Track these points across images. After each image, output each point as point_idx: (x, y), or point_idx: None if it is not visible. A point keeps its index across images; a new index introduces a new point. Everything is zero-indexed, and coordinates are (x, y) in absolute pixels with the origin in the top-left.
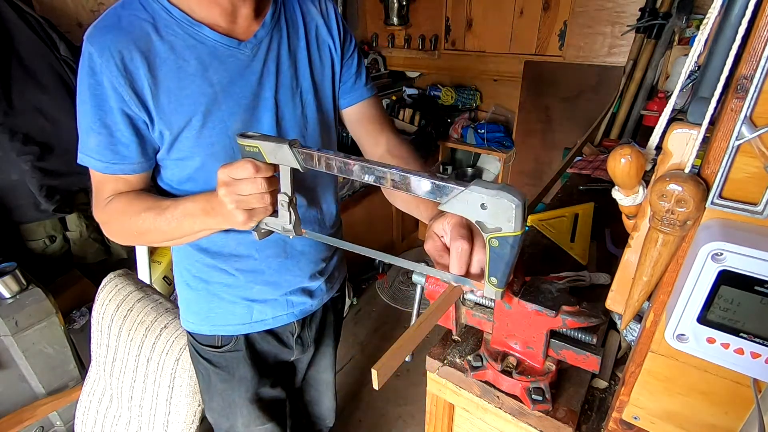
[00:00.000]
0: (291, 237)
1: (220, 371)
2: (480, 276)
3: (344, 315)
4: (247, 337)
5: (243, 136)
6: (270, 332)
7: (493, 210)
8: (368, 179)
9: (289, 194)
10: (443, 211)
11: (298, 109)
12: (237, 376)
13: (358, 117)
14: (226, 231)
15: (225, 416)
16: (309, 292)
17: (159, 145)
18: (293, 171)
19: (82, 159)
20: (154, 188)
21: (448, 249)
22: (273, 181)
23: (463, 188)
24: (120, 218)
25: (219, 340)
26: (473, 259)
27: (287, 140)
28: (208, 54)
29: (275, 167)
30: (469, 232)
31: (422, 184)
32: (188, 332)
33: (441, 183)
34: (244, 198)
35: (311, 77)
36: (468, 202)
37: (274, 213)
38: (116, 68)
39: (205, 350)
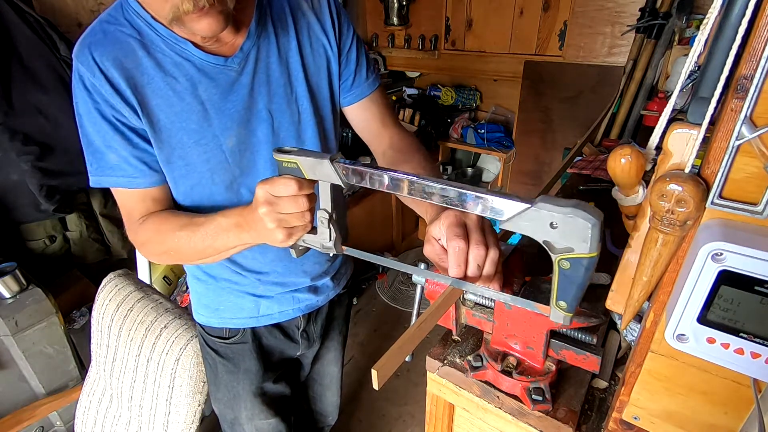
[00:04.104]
0: (331, 255)
1: (227, 362)
2: (478, 277)
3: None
4: (254, 330)
5: (279, 151)
6: (277, 326)
7: (565, 229)
8: (416, 195)
9: (329, 211)
10: (440, 213)
11: (294, 116)
12: (242, 368)
13: (360, 115)
14: None
15: (230, 407)
16: (315, 289)
17: None
18: (334, 187)
19: (100, 182)
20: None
21: (446, 251)
22: (313, 198)
23: (529, 205)
24: (156, 237)
25: (227, 332)
26: (469, 257)
27: (328, 155)
28: (197, 71)
29: (314, 183)
30: (465, 230)
31: (480, 203)
32: (198, 324)
33: (503, 200)
34: (285, 216)
35: (306, 81)
36: (534, 220)
37: (313, 230)
38: (109, 86)
39: (213, 341)
